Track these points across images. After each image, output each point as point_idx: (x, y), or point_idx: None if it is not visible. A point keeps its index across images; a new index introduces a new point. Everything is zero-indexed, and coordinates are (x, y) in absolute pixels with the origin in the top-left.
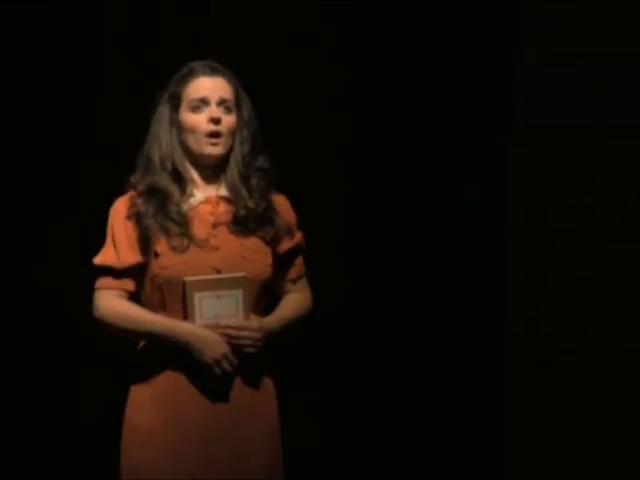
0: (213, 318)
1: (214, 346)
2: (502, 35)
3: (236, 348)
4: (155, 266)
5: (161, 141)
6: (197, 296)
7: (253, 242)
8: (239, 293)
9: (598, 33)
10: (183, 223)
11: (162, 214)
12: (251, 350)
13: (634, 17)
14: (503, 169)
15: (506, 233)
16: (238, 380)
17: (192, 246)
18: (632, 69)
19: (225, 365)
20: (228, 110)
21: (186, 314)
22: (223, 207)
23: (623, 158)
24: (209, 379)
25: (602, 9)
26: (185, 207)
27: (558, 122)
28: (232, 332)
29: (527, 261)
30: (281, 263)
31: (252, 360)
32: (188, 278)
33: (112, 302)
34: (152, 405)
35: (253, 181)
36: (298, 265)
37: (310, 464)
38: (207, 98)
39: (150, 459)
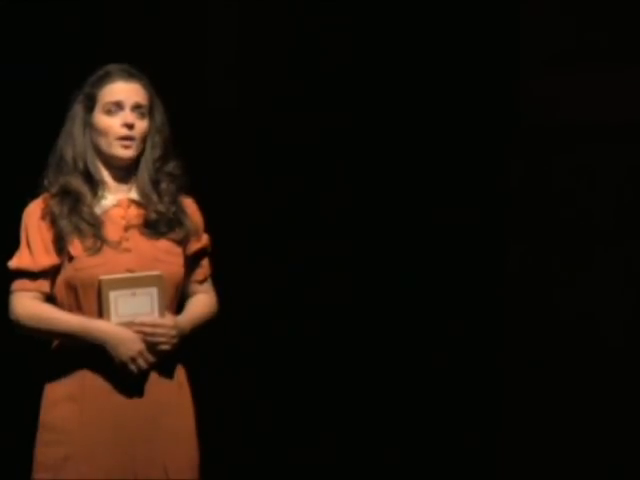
0: (129, 316)
1: (129, 343)
2: (503, 36)
3: (151, 345)
4: (70, 268)
5: (74, 140)
6: (112, 294)
7: (165, 244)
8: (154, 291)
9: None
10: (96, 225)
11: (75, 215)
12: (166, 347)
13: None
14: (504, 167)
15: (506, 232)
16: (153, 378)
17: (106, 248)
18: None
19: (140, 362)
20: (142, 115)
21: (102, 312)
22: (134, 210)
23: (624, 158)
24: (124, 377)
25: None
26: (97, 210)
27: (559, 121)
28: (147, 329)
29: (527, 260)
30: (188, 264)
31: (167, 358)
32: (103, 277)
33: (28, 304)
34: (67, 404)
35: (163, 185)
36: (205, 267)
37: (229, 462)
38: (122, 102)
39: (65, 458)
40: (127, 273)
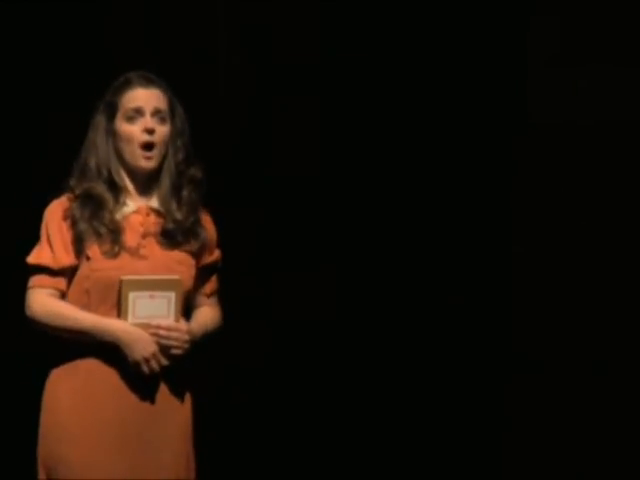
0: (145, 318)
1: (144, 344)
2: (510, 36)
3: (164, 349)
4: (86, 269)
5: (98, 149)
6: (132, 295)
7: (179, 255)
8: (172, 295)
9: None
10: (115, 230)
11: (96, 220)
12: (178, 352)
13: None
14: (511, 166)
15: (514, 232)
16: (157, 383)
17: (123, 253)
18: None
19: (153, 364)
20: (162, 120)
21: (119, 312)
22: (153, 219)
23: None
24: (129, 377)
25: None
26: (118, 216)
27: (564, 120)
28: (162, 332)
29: (534, 258)
30: (198, 276)
31: (176, 364)
32: (125, 277)
33: (45, 300)
34: (69, 400)
35: (184, 193)
36: (213, 281)
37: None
38: (142, 108)
39: (65, 454)
40: (147, 275)
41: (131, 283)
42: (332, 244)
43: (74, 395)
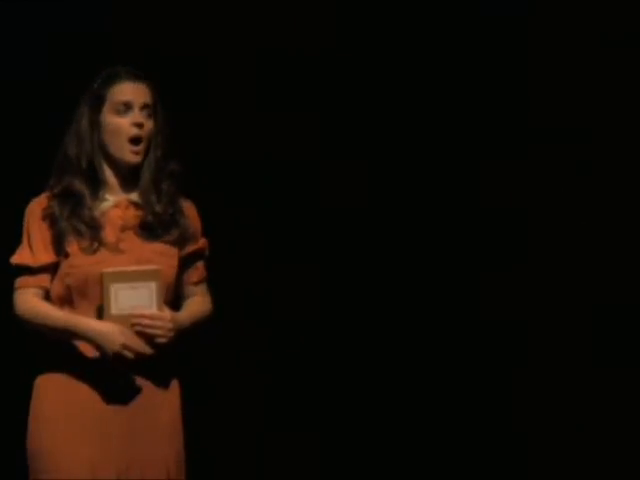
0: (128, 308)
1: (112, 338)
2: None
3: (148, 338)
4: (66, 265)
5: (81, 140)
6: (113, 287)
7: (159, 246)
8: (153, 285)
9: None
10: (95, 227)
11: (75, 217)
12: (163, 340)
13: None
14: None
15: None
16: (143, 379)
17: (101, 248)
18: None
19: (127, 354)
20: (149, 116)
21: (103, 304)
22: (132, 212)
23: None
24: (115, 374)
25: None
26: (97, 211)
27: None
28: (146, 321)
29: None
30: (184, 266)
31: (161, 355)
32: (105, 270)
33: (28, 300)
34: (56, 395)
35: (164, 186)
36: (200, 269)
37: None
38: (131, 102)
39: (50, 448)
40: (128, 267)
41: (111, 275)
42: (316, 243)
43: (60, 392)
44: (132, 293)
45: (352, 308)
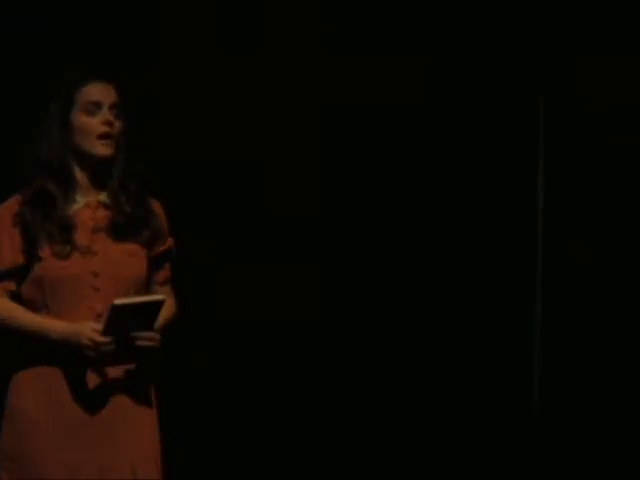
0: (125, 331)
1: (79, 338)
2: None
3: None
4: (38, 268)
5: (51, 141)
6: (119, 317)
7: (130, 246)
8: (155, 313)
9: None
10: (66, 230)
11: (47, 221)
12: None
13: None
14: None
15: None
16: (119, 376)
17: (73, 251)
18: None
19: (102, 349)
20: (117, 115)
21: (103, 326)
22: (102, 212)
23: None
24: (91, 374)
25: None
26: (68, 213)
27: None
28: (141, 342)
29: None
30: (151, 266)
31: (140, 364)
32: (116, 302)
33: None
34: (34, 396)
35: (131, 186)
36: (166, 270)
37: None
38: (101, 102)
39: (27, 449)
40: (91, 276)
41: (121, 309)
42: (316, 244)
43: (38, 393)
44: (134, 321)
45: (352, 308)
